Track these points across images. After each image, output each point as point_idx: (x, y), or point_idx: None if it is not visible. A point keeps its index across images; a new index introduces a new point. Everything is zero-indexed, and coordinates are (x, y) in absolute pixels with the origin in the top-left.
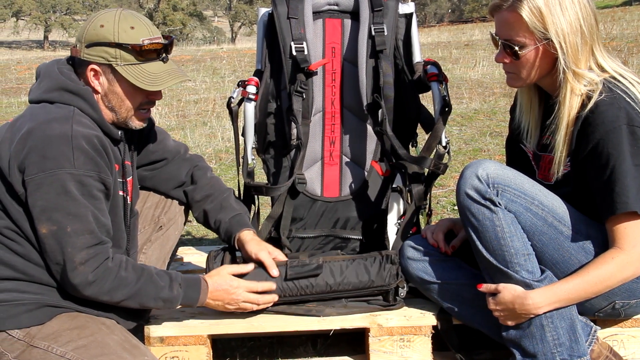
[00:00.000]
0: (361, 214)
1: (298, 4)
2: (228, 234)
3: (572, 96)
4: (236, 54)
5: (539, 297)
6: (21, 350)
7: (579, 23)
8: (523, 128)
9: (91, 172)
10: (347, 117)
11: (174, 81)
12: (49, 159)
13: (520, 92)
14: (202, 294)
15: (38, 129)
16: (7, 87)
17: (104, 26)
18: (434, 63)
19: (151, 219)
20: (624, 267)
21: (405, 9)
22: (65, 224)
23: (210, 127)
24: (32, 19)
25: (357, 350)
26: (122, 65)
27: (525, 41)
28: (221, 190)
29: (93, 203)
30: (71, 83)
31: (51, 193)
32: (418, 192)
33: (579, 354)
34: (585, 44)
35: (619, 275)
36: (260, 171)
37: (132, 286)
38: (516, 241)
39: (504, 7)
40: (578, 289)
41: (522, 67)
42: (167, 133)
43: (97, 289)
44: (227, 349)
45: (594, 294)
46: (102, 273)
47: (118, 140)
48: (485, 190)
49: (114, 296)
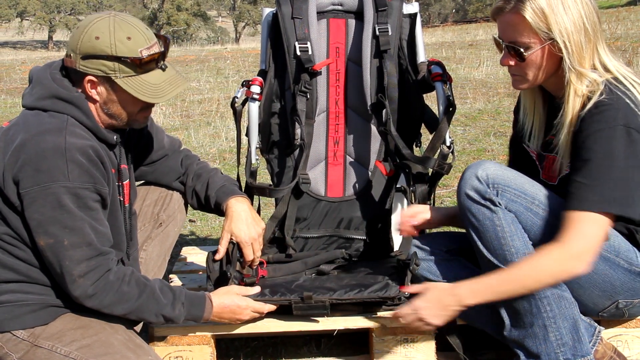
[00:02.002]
0: (365, 214)
1: (302, 4)
2: (218, 207)
3: (575, 97)
4: (240, 54)
5: (465, 289)
6: (25, 350)
7: (582, 21)
8: (527, 129)
9: (86, 184)
10: (351, 117)
11: (176, 91)
12: (43, 172)
13: (524, 94)
14: (205, 313)
15: (31, 141)
16: (12, 87)
17: (100, 38)
18: (438, 63)
19: (151, 216)
20: (560, 262)
21: (410, 9)
22: (62, 238)
23: (214, 127)
24: (37, 19)
25: (360, 351)
26: (122, 77)
27: (530, 42)
28: (208, 170)
29: (90, 214)
30: (64, 91)
31: (46, 207)
32: (422, 192)
33: (583, 353)
34: (589, 42)
35: (553, 269)
36: (264, 171)
37: (134, 302)
38: (517, 240)
39: (507, 9)
40: (507, 282)
41: (528, 68)
42: (162, 129)
43: (98, 302)
44: (230, 349)
45: (526, 289)
46: (103, 287)
47: (114, 145)
48: (485, 191)
49: (115, 310)
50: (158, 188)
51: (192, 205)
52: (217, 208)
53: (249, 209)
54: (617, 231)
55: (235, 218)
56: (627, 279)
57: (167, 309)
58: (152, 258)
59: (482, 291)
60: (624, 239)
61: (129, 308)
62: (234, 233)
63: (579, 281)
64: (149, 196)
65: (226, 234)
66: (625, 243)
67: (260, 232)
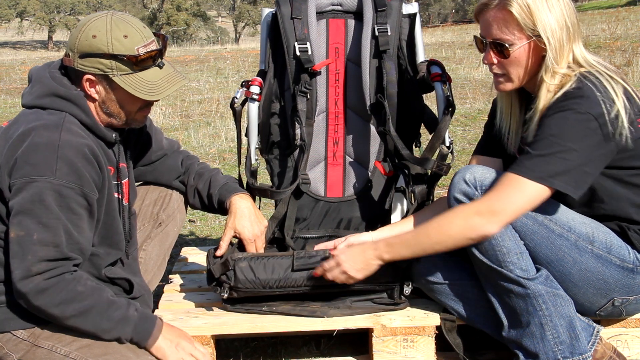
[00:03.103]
0: (365, 214)
1: (301, 4)
2: (221, 205)
3: (547, 94)
4: (240, 54)
5: (382, 244)
6: (26, 350)
7: (564, 19)
8: (504, 132)
9: (72, 184)
10: (351, 117)
11: (173, 88)
12: (32, 165)
13: (501, 98)
14: (156, 329)
15: (28, 134)
16: (12, 87)
17: (97, 36)
18: (438, 63)
19: (150, 215)
20: (467, 215)
21: (409, 9)
22: (33, 232)
23: (214, 127)
24: (36, 19)
25: (360, 351)
26: (119, 75)
27: (515, 39)
28: (209, 169)
29: (69, 217)
30: (62, 89)
31: (27, 199)
32: (421, 192)
33: (580, 351)
34: (569, 40)
35: (461, 225)
36: (263, 171)
37: (86, 302)
38: (507, 240)
39: (492, 5)
40: (420, 236)
41: (511, 66)
42: (160, 131)
43: (49, 299)
44: (230, 349)
45: (440, 245)
46: (56, 282)
47: (112, 143)
48: (473, 193)
49: (65, 310)
50: (157, 188)
51: (194, 205)
52: (220, 206)
53: (252, 206)
54: (609, 229)
55: (238, 215)
56: (620, 276)
57: (122, 310)
58: (151, 258)
59: (398, 246)
60: (616, 236)
61: (81, 308)
62: (238, 229)
63: (572, 279)
64: (148, 196)
65: (229, 230)
66: (618, 240)
67: (263, 230)
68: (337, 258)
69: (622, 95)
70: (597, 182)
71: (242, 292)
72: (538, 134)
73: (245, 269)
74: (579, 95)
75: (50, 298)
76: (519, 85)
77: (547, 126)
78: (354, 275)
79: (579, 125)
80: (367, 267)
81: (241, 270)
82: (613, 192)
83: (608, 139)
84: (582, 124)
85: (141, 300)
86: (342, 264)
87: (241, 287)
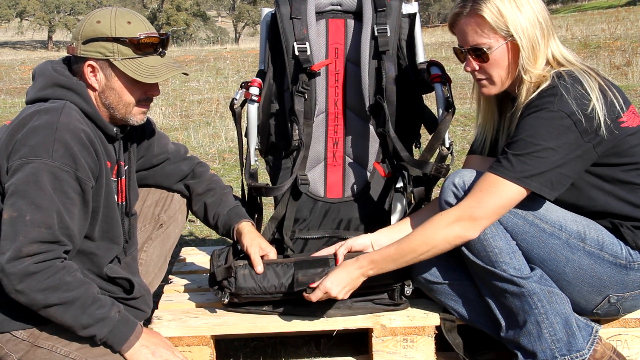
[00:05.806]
0: (364, 215)
1: (301, 4)
2: (227, 226)
3: (527, 94)
4: (240, 54)
5: (366, 261)
6: (25, 350)
7: (536, 17)
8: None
9: (67, 168)
10: (350, 118)
11: (172, 74)
12: (29, 147)
13: (482, 107)
14: (133, 335)
15: (29, 120)
16: (12, 87)
17: (101, 22)
18: (438, 64)
19: (151, 217)
20: (448, 224)
21: (409, 9)
22: (25, 212)
23: (213, 127)
24: (36, 19)
25: (360, 351)
26: (120, 59)
27: (492, 42)
28: (222, 186)
29: (63, 201)
30: (63, 78)
31: (22, 179)
32: (420, 192)
33: (577, 348)
34: (543, 37)
35: (441, 232)
36: (263, 172)
37: (72, 293)
38: (499, 240)
39: (464, 13)
40: (404, 252)
41: (492, 69)
42: (167, 137)
43: (35, 283)
44: (230, 349)
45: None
46: (45, 267)
47: (113, 137)
48: (462, 196)
49: (49, 297)
50: (159, 189)
51: (195, 213)
52: (224, 227)
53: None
54: (601, 226)
55: (255, 233)
56: (614, 272)
57: (105, 309)
58: (152, 259)
59: (382, 262)
60: (609, 233)
61: (65, 298)
62: (261, 243)
63: (567, 278)
64: (149, 197)
65: (254, 247)
66: (610, 237)
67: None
68: (323, 287)
69: (598, 91)
70: (584, 180)
71: (242, 297)
72: (515, 135)
73: (247, 276)
74: (552, 94)
75: (36, 282)
76: (502, 88)
77: (522, 127)
78: (343, 297)
79: (552, 123)
80: (354, 286)
81: (243, 278)
82: (602, 190)
83: (586, 135)
84: (556, 121)
85: (141, 300)
86: (330, 291)
87: (242, 293)
